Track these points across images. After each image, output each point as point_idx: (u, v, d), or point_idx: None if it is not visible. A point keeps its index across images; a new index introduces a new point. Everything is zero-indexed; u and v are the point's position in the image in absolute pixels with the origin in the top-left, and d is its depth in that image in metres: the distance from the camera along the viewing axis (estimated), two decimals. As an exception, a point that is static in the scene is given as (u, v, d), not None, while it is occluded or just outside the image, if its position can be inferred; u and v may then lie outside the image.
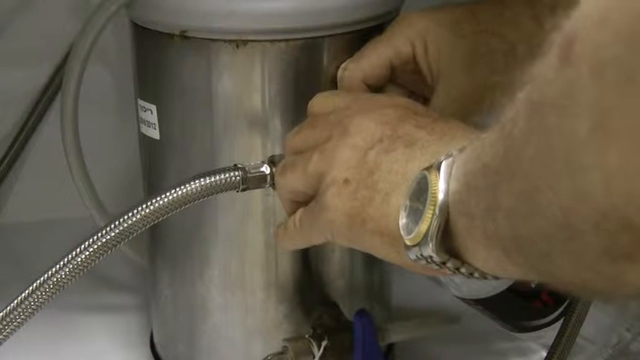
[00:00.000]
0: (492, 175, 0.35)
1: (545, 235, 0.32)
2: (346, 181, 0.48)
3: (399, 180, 0.46)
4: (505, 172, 0.33)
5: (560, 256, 0.32)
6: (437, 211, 0.39)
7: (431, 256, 0.41)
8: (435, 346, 0.72)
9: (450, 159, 0.40)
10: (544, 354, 0.59)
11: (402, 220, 0.43)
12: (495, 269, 0.39)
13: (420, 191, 0.42)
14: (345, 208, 0.48)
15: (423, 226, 0.40)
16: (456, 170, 0.39)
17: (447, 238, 0.40)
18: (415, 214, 0.42)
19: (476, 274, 0.41)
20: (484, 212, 0.36)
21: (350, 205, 0.48)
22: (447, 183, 0.39)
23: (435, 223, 0.40)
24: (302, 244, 0.55)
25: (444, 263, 0.41)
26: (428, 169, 0.41)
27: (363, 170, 0.48)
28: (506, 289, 0.58)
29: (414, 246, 0.42)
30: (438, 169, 0.40)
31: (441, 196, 0.39)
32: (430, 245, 0.40)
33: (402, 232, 0.43)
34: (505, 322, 0.62)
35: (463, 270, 0.41)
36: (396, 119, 0.50)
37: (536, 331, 0.61)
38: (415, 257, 0.42)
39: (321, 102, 0.55)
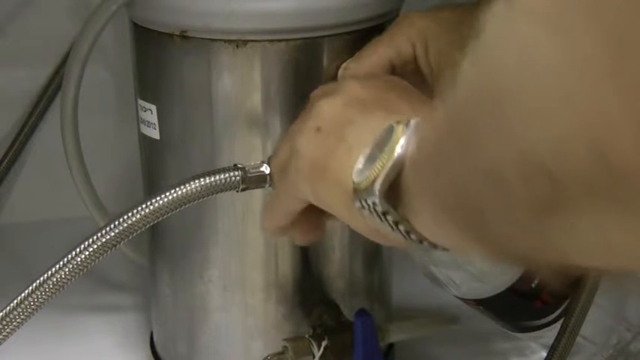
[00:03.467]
0: (440, 133, 0.36)
1: (478, 189, 0.32)
2: (318, 129, 0.49)
3: (367, 137, 0.45)
4: (447, 129, 0.34)
5: (492, 213, 0.32)
6: (391, 161, 0.40)
7: (374, 203, 0.41)
8: (434, 346, 0.72)
9: (421, 119, 0.41)
10: (544, 354, 0.59)
11: (358, 166, 0.44)
12: (435, 231, 0.40)
13: (384, 141, 0.42)
14: (311, 154, 0.48)
15: (374, 172, 0.41)
16: (421, 130, 0.40)
17: (395, 194, 0.41)
18: (371, 161, 0.42)
19: (413, 236, 0.42)
20: (432, 171, 0.37)
21: (316, 152, 0.48)
22: (409, 139, 0.40)
23: (385, 170, 0.41)
24: (279, 215, 0.53)
25: (385, 214, 0.41)
26: (398, 122, 0.41)
27: (337, 122, 0.48)
28: (507, 289, 0.58)
29: (361, 191, 0.42)
30: (407, 125, 0.41)
31: (399, 149, 0.40)
32: (376, 191, 0.41)
33: (352, 177, 0.43)
34: (505, 322, 0.62)
35: (402, 227, 0.41)
36: (384, 87, 0.50)
37: (536, 331, 0.61)
38: (359, 205, 0.42)
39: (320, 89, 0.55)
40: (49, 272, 0.51)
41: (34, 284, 0.51)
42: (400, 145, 0.41)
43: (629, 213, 0.28)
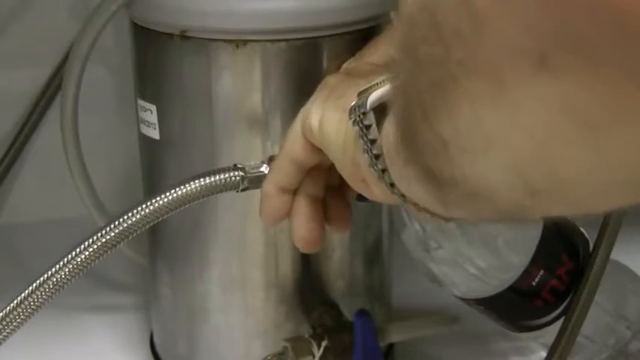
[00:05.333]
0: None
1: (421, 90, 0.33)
2: (348, 73, 0.53)
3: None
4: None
5: (413, 96, 0.34)
6: (388, 80, 0.42)
7: (364, 114, 0.42)
8: (435, 346, 0.72)
9: None
10: (544, 354, 0.59)
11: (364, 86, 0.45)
12: (398, 164, 0.41)
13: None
14: (336, 82, 0.52)
15: (373, 86, 0.43)
16: None
17: (383, 118, 0.42)
18: (380, 81, 0.44)
19: (387, 176, 0.43)
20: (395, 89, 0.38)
21: (340, 81, 0.51)
22: None
23: (382, 87, 0.42)
24: (279, 170, 0.53)
25: (368, 128, 0.42)
26: None
27: (367, 71, 0.51)
28: (507, 288, 0.58)
29: (358, 100, 0.44)
30: None
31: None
32: (367, 102, 0.42)
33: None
34: (505, 321, 0.62)
35: (374, 151, 0.42)
36: None
37: (537, 331, 0.61)
38: (352, 117, 0.43)
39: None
40: (49, 272, 0.51)
41: (34, 284, 0.51)
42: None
43: (496, 86, 0.28)
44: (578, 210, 0.33)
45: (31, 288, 0.51)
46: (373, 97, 0.43)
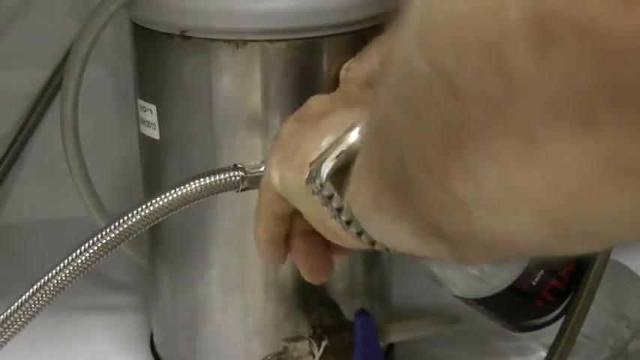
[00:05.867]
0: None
1: (398, 124, 0.32)
2: (299, 118, 0.50)
3: (340, 127, 0.45)
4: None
5: (410, 157, 0.32)
6: (342, 145, 0.41)
7: (321, 185, 0.42)
8: (435, 346, 0.72)
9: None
10: (544, 354, 0.59)
11: (319, 150, 0.44)
12: (371, 217, 0.40)
13: (345, 129, 0.43)
14: (286, 138, 0.50)
15: (324, 153, 0.42)
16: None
17: (343, 182, 0.42)
18: (330, 146, 0.43)
19: (353, 228, 0.42)
20: (370, 143, 0.38)
21: (290, 137, 0.49)
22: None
23: (335, 152, 0.42)
24: (263, 217, 0.52)
25: (330, 199, 0.42)
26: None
27: (317, 113, 0.49)
28: (507, 287, 0.58)
29: (312, 171, 0.43)
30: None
31: (354, 135, 0.42)
32: (322, 172, 0.42)
33: (311, 158, 0.44)
34: (505, 321, 0.62)
35: (344, 217, 0.42)
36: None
37: (537, 331, 0.61)
38: (311, 186, 0.43)
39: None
40: (50, 274, 0.51)
41: (35, 286, 0.51)
42: (353, 132, 0.42)
43: (529, 145, 0.27)
44: (608, 245, 0.32)
45: (32, 290, 0.51)
46: (328, 165, 0.42)
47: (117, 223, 0.51)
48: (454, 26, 0.27)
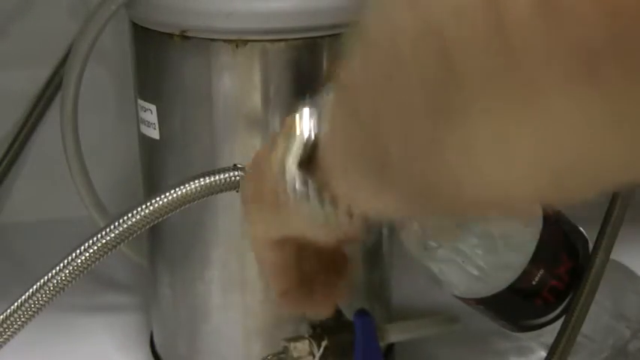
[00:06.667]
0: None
1: (377, 84, 0.32)
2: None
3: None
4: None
5: (390, 129, 0.32)
6: (297, 138, 0.41)
7: (293, 179, 0.41)
8: (435, 346, 0.72)
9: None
10: (544, 354, 0.60)
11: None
12: (349, 194, 0.40)
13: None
14: (255, 157, 0.48)
15: (279, 152, 0.42)
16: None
17: (312, 169, 0.41)
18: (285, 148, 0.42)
19: (340, 212, 0.42)
20: (341, 117, 0.37)
21: (258, 154, 0.48)
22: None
23: (294, 147, 0.41)
24: (262, 242, 0.50)
25: (305, 185, 0.41)
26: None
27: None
28: (507, 287, 0.58)
29: (279, 174, 0.42)
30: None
31: (305, 127, 0.41)
32: (289, 167, 0.41)
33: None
34: (505, 321, 0.62)
35: (326, 196, 0.41)
36: None
37: (537, 330, 0.61)
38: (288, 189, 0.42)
39: None
40: (50, 274, 0.51)
41: (35, 286, 0.51)
42: (303, 127, 0.41)
43: (527, 102, 0.26)
44: (603, 192, 0.32)
45: (31, 290, 0.51)
46: (292, 161, 0.41)
47: (117, 223, 0.51)
48: None
